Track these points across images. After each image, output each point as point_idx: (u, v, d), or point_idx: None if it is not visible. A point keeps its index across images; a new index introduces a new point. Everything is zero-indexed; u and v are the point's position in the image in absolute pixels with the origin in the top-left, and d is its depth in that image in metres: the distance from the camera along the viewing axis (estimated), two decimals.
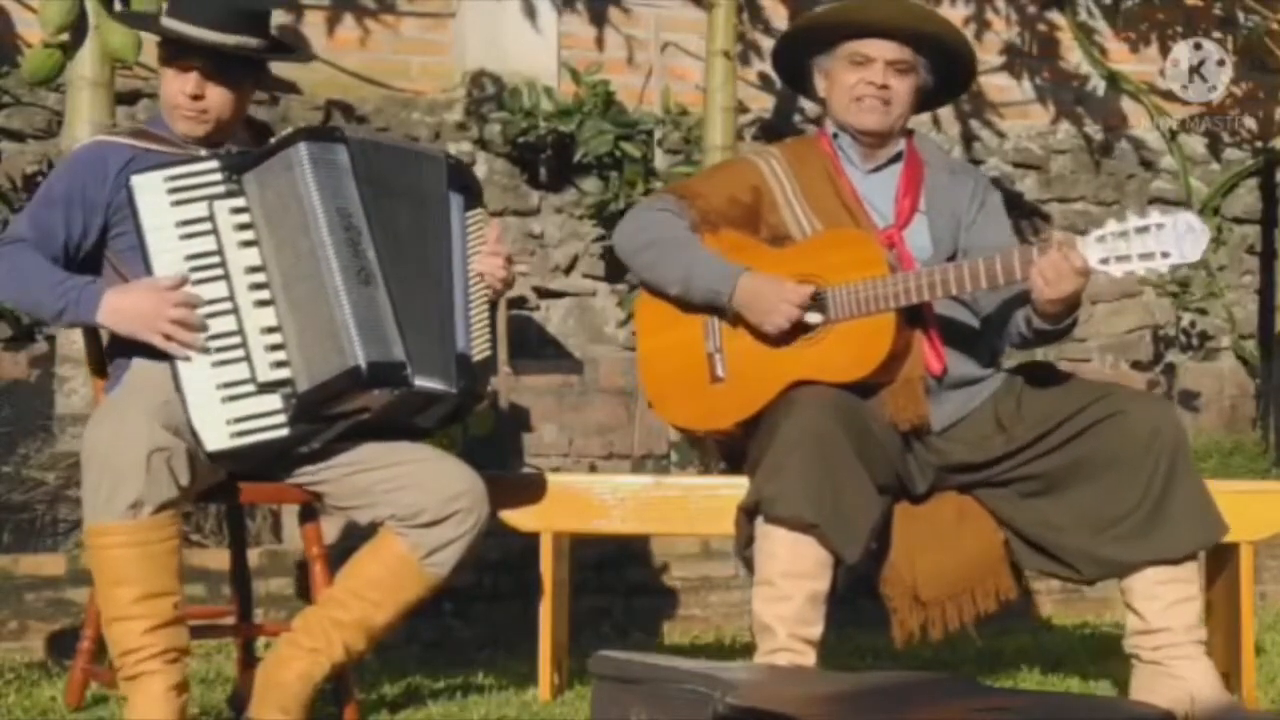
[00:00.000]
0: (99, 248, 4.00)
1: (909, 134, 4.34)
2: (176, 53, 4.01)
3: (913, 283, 4.05)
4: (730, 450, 4.34)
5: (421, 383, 3.88)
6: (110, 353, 4.06)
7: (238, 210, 3.91)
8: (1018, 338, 4.20)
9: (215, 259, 3.89)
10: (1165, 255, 3.91)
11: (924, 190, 4.27)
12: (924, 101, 4.38)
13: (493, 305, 4.10)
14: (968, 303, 4.22)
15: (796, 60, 4.39)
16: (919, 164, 4.31)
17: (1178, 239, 3.89)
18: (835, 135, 4.31)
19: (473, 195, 4.16)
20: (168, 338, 3.83)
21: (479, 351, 4.02)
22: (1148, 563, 4.02)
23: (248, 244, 3.90)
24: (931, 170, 4.31)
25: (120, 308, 3.88)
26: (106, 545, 3.72)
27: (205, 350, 3.84)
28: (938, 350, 4.16)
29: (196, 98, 3.99)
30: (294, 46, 4.35)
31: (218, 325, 3.86)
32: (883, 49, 4.21)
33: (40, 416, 5.76)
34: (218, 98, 4.01)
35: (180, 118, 4.02)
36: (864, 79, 4.21)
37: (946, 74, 4.34)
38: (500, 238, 4.17)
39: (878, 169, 4.30)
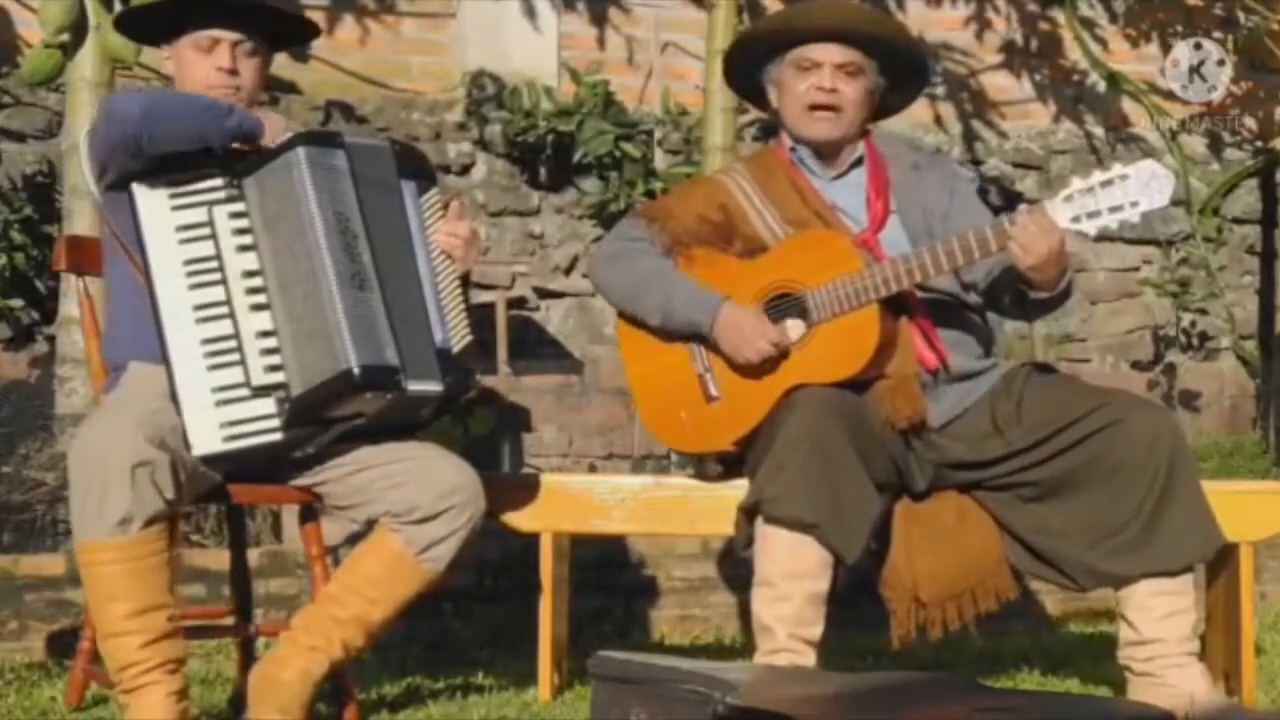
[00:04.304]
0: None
1: (866, 134, 4.32)
2: (199, 25, 3.97)
3: (890, 271, 4.05)
4: (725, 457, 4.32)
5: (414, 386, 3.87)
6: (107, 353, 4.06)
7: (237, 215, 3.90)
8: (1018, 312, 4.20)
9: (213, 263, 3.88)
10: (1134, 204, 3.94)
11: (893, 190, 4.26)
12: (881, 108, 4.36)
13: (464, 282, 4.06)
14: (959, 293, 4.21)
15: (748, 74, 4.38)
16: (882, 164, 4.29)
17: (1143, 186, 3.93)
18: (793, 148, 4.31)
19: (425, 177, 4.11)
20: None
21: (459, 340, 3.99)
22: (1143, 575, 4.01)
23: (245, 248, 3.89)
24: (895, 168, 4.29)
25: None
26: (97, 562, 3.71)
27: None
28: (935, 344, 4.15)
29: (232, 72, 3.98)
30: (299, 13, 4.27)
31: (213, 329, 3.85)
32: (829, 53, 4.19)
33: (40, 416, 5.76)
34: (249, 71, 4.01)
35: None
36: (813, 85, 4.20)
37: (898, 75, 4.33)
38: (460, 213, 4.12)
39: (841, 175, 4.29)
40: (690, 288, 4.20)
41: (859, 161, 4.29)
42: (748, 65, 4.38)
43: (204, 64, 4.01)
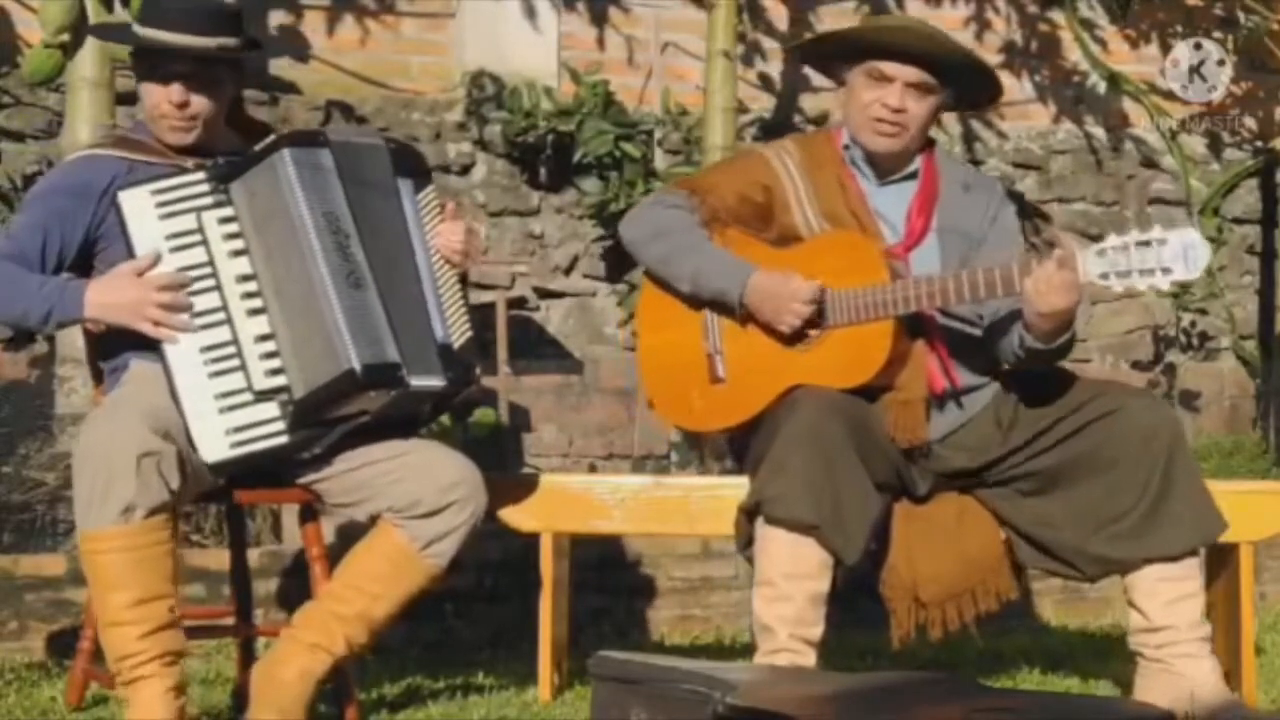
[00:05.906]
0: (85, 260, 3.98)
1: (930, 145, 4.29)
2: (156, 64, 3.97)
3: (912, 291, 4.03)
4: (736, 447, 4.31)
5: (417, 381, 3.88)
6: (105, 353, 4.05)
7: (226, 220, 3.91)
8: (1012, 356, 4.15)
9: (206, 270, 3.88)
10: (1166, 271, 3.87)
11: (938, 208, 4.23)
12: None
13: (463, 280, 4.07)
14: (969, 317, 4.20)
15: (821, 60, 4.38)
16: (935, 180, 4.25)
17: (1178, 254, 3.86)
18: (847, 146, 4.28)
19: (421, 175, 4.12)
20: (156, 324, 3.83)
21: (459, 335, 4.00)
22: (1146, 561, 4.02)
23: (237, 253, 3.90)
24: (946, 185, 4.25)
25: (105, 300, 3.87)
26: (100, 551, 3.71)
27: (193, 330, 3.83)
28: (948, 368, 4.13)
29: (183, 105, 3.97)
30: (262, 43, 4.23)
31: (212, 336, 3.85)
32: (904, 71, 4.15)
33: (40, 416, 5.76)
34: (203, 103, 3.99)
35: (167, 129, 3.99)
36: (881, 99, 4.15)
37: (969, 90, 4.31)
38: (456, 212, 4.12)
39: (891, 181, 4.26)
40: (723, 257, 4.17)
41: (913, 175, 4.26)
42: (818, 56, 4.37)
43: (158, 93, 3.99)
